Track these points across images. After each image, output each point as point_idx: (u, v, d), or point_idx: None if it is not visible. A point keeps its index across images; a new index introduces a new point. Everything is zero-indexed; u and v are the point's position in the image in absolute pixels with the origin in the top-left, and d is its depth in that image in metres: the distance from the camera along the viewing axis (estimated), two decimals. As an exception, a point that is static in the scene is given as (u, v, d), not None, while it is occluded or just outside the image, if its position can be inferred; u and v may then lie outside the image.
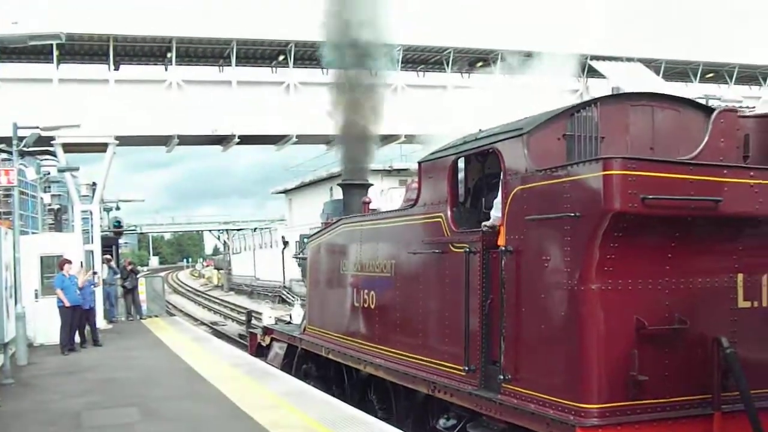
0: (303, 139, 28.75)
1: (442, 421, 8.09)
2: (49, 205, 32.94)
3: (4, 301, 13.23)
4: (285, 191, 54.33)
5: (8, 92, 23.78)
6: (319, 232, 12.56)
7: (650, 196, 5.76)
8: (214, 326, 31.77)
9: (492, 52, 29.68)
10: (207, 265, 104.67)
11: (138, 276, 26.72)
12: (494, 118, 7.78)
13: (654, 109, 7.11)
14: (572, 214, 6.04)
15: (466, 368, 7.41)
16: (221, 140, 28.54)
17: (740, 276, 6.39)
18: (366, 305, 10.06)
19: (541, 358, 6.54)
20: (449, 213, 7.93)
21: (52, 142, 23.85)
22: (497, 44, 29.95)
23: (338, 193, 14.07)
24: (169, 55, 26.99)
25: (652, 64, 31.73)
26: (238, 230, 74.51)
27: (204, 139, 28.92)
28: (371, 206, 11.59)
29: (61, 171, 26.34)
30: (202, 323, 33.74)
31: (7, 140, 19.33)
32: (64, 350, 16.86)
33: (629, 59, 31.16)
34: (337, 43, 14.42)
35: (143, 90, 25.93)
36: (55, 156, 25.74)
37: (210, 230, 79.93)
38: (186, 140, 28.12)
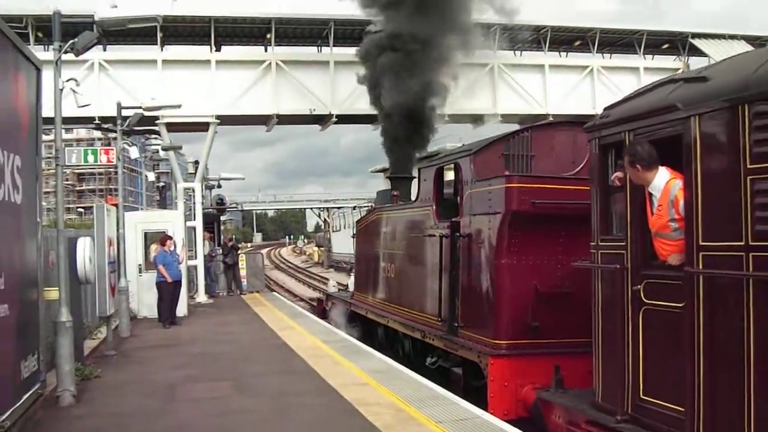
0: (398, 120, 31.15)
1: (428, 359, 12.28)
2: (155, 182, 37.71)
3: (106, 275, 14.50)
4: (383, 170, 58.33)
5: (115, 74, 27.23)
6: (364, 217, 17.06)
7: (537, 201, 9.68)
8: (313, 302, 34.23)
9: (590, 30, 32.09)
10: (308, 243, 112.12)
11: (239, 252, 30.62)
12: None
13: (576, 132, 10.91)
14: (491, 212, 10.07)
15: (440, 319, 11.58)
16: (319, 119, 31.17)
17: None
18: (389, 275, 14.44)
19: (477, 310, 10.57)
20: (434, 207, 12.12)
21: (156, 121, 26.85)
22: (594, 23, 32.59)
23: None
24: (268, 36, 29.93)
25: (757, 42, 32.08)
26: (338, 208, 79.85)
27: (302, 119, 31.59)
28: None
29: (165, 149, 30.08)
30: (301, 299, 37.28)
31: (112, 120, 20.55)
32: (165, 324, 19.03)
33: (732, 37, 32.38)
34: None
35: (243, 70, 29.14)
36: (159, 135, 29.19)
37: (311, 208, 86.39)
38: (285, 120, 30.75)
